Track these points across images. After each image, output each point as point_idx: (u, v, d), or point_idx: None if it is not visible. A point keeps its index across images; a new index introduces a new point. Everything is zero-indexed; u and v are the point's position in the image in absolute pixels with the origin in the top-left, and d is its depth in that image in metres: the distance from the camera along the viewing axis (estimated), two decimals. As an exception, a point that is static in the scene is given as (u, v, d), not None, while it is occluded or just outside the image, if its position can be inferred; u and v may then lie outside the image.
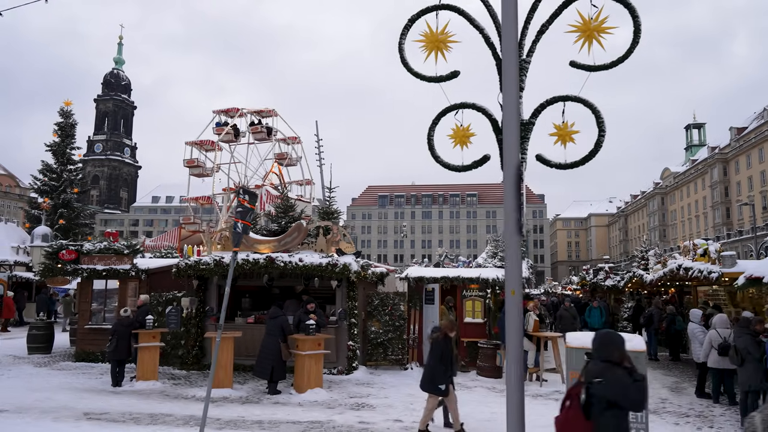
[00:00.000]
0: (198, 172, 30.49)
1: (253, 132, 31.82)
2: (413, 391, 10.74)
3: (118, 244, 14.11)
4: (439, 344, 7.54)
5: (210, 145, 30.26)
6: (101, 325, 13.96)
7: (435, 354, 7.60)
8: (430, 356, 7.74)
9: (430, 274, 13.25)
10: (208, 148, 30.50)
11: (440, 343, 7.58)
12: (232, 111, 31.90)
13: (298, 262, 12.16)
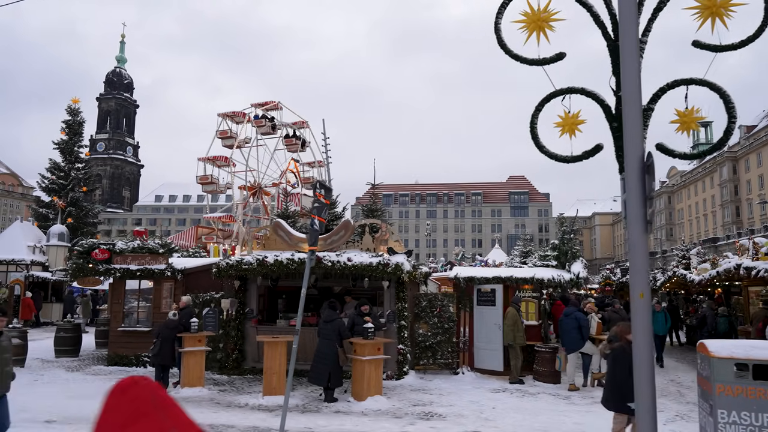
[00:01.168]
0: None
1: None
2: (475, 397, 10.20)
3: (153, 243, 13.50)
4: (626, 354, 5.86)
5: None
6: (135, 328, 13.37)
7: (624, 365, 6.10)
8: (616, 368, 6.55)
9: (481, 274, 12.65)
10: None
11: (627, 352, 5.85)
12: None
13: (346, 261, 11.56)
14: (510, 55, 6.71)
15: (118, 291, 13.65)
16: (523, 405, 9.66)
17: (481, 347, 12.53)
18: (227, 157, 29.25)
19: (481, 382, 11.71)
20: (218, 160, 29.22)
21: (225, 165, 29.37)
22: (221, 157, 29.23)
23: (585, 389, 11.05)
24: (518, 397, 10.35)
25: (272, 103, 31.22)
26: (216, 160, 29.19)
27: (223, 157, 29.23)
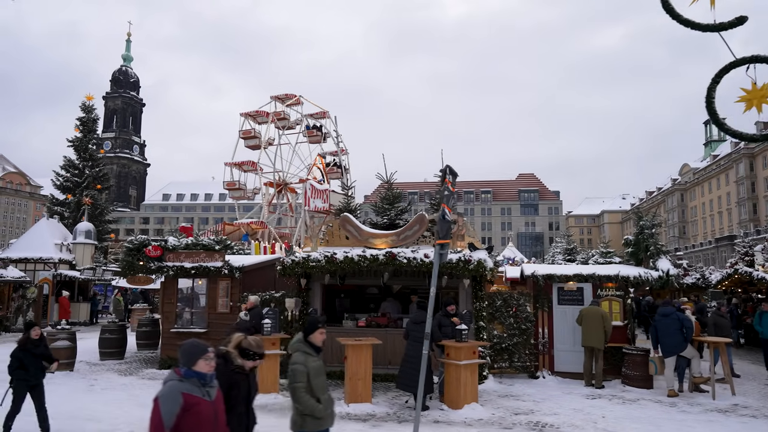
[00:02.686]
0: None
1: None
2: (574, 404, 9.44)
3: (207, 239, 12.74)
4: None
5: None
6: (189, 329, 12.61)
7: None
8: None
9: (561, 271, 11.88)
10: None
11: None
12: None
13: (423, 258, 10.78)
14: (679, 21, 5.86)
15: (169, 290, 12.89)
16: (632, 413, 8.89)
17: (563, 349, 11.76)
18: (254, 162, 28.55)
19: (568, 386, 10.92)
20: (245, 164, 28.53)
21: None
22: (248, 162, 28.54)
23: (684, 395, 10.26)
24: (620, 403, 9.57)
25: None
26: (243, 165, 28.50)
27: (251, 162, 28.53)
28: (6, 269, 19.64)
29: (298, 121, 30.76)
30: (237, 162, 28.73)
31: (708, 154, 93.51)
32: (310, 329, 4.78)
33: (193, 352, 3.51)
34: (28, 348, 7.13)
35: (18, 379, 7.03)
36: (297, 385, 4.50)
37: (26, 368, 7.02)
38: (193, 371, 3.47)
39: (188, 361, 3.49)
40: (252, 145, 29.48)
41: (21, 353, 7.09)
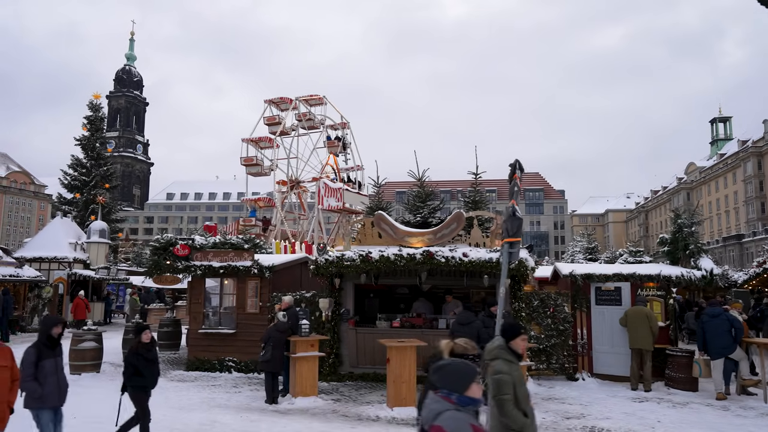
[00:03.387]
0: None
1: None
2: (624, 407, 9.15)
3: (236, 238, 12.46)
4: None
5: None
6: (217, 330, 12.33)
7: None
8: None
9: (599, 271, 11.58)
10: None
11: None
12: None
13: (462, 257, 10.49)
14: (765, 5, 5.58)
15: (197, 290, 12.61)
16: (687, 417, 8.59)
17: (602, 351, 11.45)
18: (271, 138, 28.44)
19: (610, 389, 10.62)
20: (262, 141, 28.42)
21: (269, 146, 28.56)
22: (265, 138, 28.44)
23: (732, 398, 9.96)
24: (670, 407, 9.27)
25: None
26: (260, 141, 28.38)
27: (268, 138, 28.45)
28: (21, 269, 19.38)
29: (322, 121, 30.80)
30: (254, 138, 28.63)
31: (714, 153, 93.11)
32: (511, 334, 4.26)
33: (466, 374, 2.96)
34: (140, 352, 6.74)
35: (135, 386, 6.68)
36: (504, 398, 3.99)
37: (141, 374, 6.66)
38: (467, 397, 2.92)
39: (461, 386, 2.93)
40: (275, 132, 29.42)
41: (134, 358, 6.70)
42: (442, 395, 2.93)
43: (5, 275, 18.33)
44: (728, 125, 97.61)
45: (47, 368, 5.46)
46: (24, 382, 5.30)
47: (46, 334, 5.60)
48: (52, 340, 5.60)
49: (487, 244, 11.32)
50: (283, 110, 30.33)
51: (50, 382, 5.42)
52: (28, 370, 5.37)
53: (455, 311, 11.81)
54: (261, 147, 28.86)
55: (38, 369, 5.40)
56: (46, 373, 5.42)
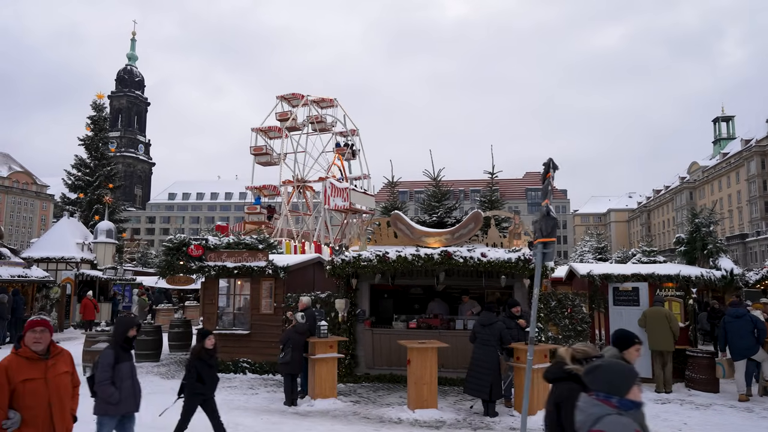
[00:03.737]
0: (265, 160, 28.88)
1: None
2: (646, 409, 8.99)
3: (250, 238, 12.37)
4: None
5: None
6: (232, 330, 12.24)
7: None
8: None
9: (618, 271, 11.48)
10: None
11: None
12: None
13: (480, 257, 10.39)
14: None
15: (210, 291, 12.51)
16: (712, 419, 8.49)
17: (621, 352, 11.32)
18: (281, 128, 28.43)
19: (630, 390, 10.51)
20: (272, 130, 28.41)
21: (278, 136, 28.56)
22: (275, 128, 28.44)
23: (754, 399, 9.86)
24: (693, 409, 9.16)
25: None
26: (270, 130, 28.38)
27: (277, 128, 28.45)
28: (30, 269, 19.29)
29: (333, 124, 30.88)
30: (264, 128, 28.61)
31: (717, 152, 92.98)
32: (625, 343, 4.02)
33: (627, 376, 2.77)
34: (203, 358, 6.48)
35: (193, 392, 6.43)
36: None
37: (203, 380, 6.39)
38: (629, 401, 2.72)
39: (621, 388, 2.74)
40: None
41: (199, 364, 6.43)
42: (600, 398, 2.74)
43: (14, 275, 18.24)
44: (731, 124, 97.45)
45: (123, 371, 5.16)
46: (101, 386, 5.04)
47: (123, 336, 5.30)
48: (129, 342, 5.34)
49: (504, 244, 11.22)
50: (294, 106, 30.33)
51: (126, 387, 5.12)
52: (105, 374, 5.06)
53: (472, 311, 11.74)
54: (270, 137, 28.89)
55: (114, 372, 5.12)
56: (122, 376, 5.12)
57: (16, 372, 3.91)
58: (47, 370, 4.05)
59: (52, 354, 4.13)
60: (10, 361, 3.97)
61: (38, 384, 3.97)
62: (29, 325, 4.09)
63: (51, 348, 4.14)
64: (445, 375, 10.66)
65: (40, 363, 4.03)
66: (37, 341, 4.03)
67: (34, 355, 4.03)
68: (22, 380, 3.90)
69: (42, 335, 4.05)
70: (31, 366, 3.99)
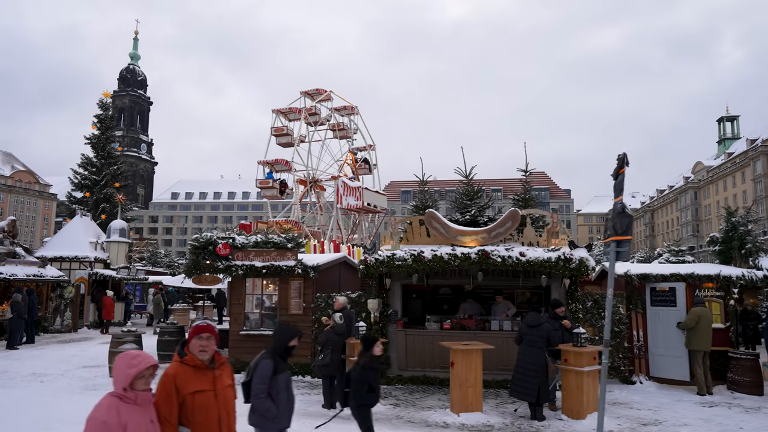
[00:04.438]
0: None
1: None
2: (698, 413, 8.81)
3: (279, 237, 12.12)
4: None
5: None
6: (260, 331, 12.00)
7: None
8: None
9: (656, 270, 11.24)
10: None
11: None
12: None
13: (518, 256, 10.14)
14: None
15: (237, 290, 12.27)
16: (766, 423, 8.24)
17: (659, 353, 11.10)
18: (288, 161, 28.12)
19: (672, 393, 10.27)
20: (278, 163, 28.12)
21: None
22: (282, 161, 28.13)
23: (801, 402, 9.63)
24: (743, 412, 8.92)
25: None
26: (276, 163, 28.09)
27: (284, 161, 28.12)
28: (45, 268, 19.04)
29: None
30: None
31: (722, 152, 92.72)
32: None
33: None
34: (373, 367, 6.04)
35: (364, 403, 6.04)
36: None
37: (374, 390, 6.07)
38: None
39: None
40: (283, 143, 29.20)
41: (368, 374, 5.98)
42: None
43: (29, 275, 17.99)
44: (735, 124, 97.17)
45: (280, 383, 4.60)
46: (257, 399, 4.48)
47: (285, 345, 4.76)
48: (289, 352, 4.80)
49: (540, 243, 10.98)
50: (291, 120, 29.99)
51: (282, 400, 4.57)
52: (262, 386, 4.50)
53: (507, 313, 11.50)
54: (290, 119, 28.72)
55: (271, 384, 4.58)
56: (279, 388, 4.57)
57: (184, 382, 3.48)
58: (215, 382, 3.62)
59: (217, 364, 3.70)
60: (177, 369, 3.54)
61: (208, 397, 3.54)
62: (195, 331, 3.65)
63: (216, 357, 3.70)
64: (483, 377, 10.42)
65: (208, 373, 3.61)
66: (203, 349, 3.60)
67: (202, 364, 3.59)
68: (192, 392, 3.48)
69: (209, 343, 3.62)
70: (198, 376, 3.56)
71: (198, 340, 3.61)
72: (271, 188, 27.76)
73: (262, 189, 28.20)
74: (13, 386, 10.62)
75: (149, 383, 3.24)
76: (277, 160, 28.34)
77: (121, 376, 3.16)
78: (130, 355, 3.22)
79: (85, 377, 11.43)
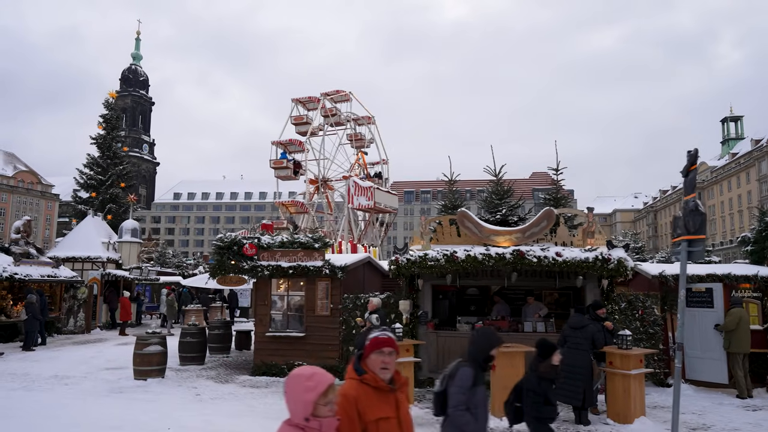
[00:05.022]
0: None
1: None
2: (746, 417, 8.59)
3: (306, 237, 11.91)
4: None
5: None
6: (286, 333, 11.78)
7: None
8: None
9: (692, 271, 11.01)
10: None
11: None
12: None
13: (555, 256, 9.93)
14: None
15: (263, 291, 12.05)
16: (820, 428, 8.04)
17: (696, 355, 10.88)
18: (301, 141, 28.04)
19: (710, 396, 10.06)
20: (292, 143, 28.03)
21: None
22: (296, 141, 28.04)
23: None
24: None
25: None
26: (290, 143, 28.00)
27: (298, 141, 28.06)
28: (58, 268, 18.83)
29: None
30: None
31: (726, 153, 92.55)
32: None
33: None
34: (551, 377, 5.39)
35: (543, 417, 5.26)
36: None
37: (551, 403, 5.33)
38: None
39: None
40: (302, 131, 29.22)
41: (545, 385, 5.31)
42: None
43: (43, 275, 17.78)
44: (739, 124, 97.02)
45: (479, 396, 4.00)
46: (456, 411, 3.89)
47: (486, 354, 4.17)
48: (490, 361, 4.20)
49: (574, 242, 10.78)
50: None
51: (480, 415, 3.97)
52: (462, 397, 3.91)
53: (539, 314, 11.29)
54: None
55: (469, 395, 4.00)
56: (477, 402, 3.96)
57: (366, 407, 2.93)
58: (398, 407, 3.08)
59: (397, 384, 3.10)
60: (357, 390, 2.95)
61: (392, 425, 3.01)
62: (375, 345, 3.05)
63: (395, 377, 3.10)
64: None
65: (390, 396, 3.04)
66: (385, 366, 3.02)
67: (384, 385, 3.02)
68: (375, 419, 2.94)
69: (391, 359, 3.04)
70: (381, 400, 3.00)
71: (379, 355, 3.04)
72: (285, 168, 27.66)
73: (276, 169, 28.05)
74: (36, 389, 10.41)
75: (334, 407, 2.69)
76: (291, 140, 28.27)
77: (299, 403, 2.60)
78: (304, 376, 2.63)
79: (109, 380, 11.21)
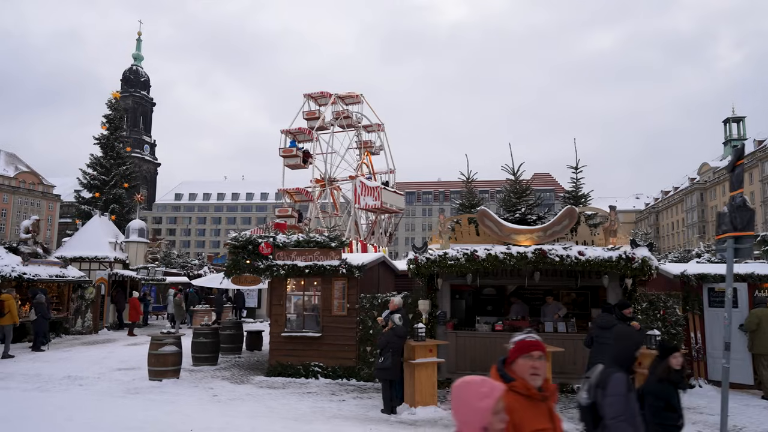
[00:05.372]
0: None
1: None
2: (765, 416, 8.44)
3: (322, 236, 11.76)
4: None
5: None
6: (301, 333, 11.63)
7: None
8: None
9: (715, 270, 10.90)
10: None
11: None
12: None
13: (577, 256, 9.77)
14: None
15: (278, 291, 11.90)
16: None
17: (719, 356, 10.73)
18: (310, 129, 28.03)
19: (738, 397, 9.87)
20: (301, 132, 28.02)
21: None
22: (305, 130, 28.04)
23: None
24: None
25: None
26: (299, 132, 28.00)
27: (307, 130, 28.06)
28: (66, 268, 18.68)
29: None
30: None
31: (728, 153, 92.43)
32: None
33: None
34: (673, 380, 4.97)
35: (666, 424, 4.78)
36: None
37: (675, 408, 4.86)
38: None
39: None
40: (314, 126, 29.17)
41: (666, 388, 4.91)
42: None
43: (52, 275, 17.63)
44: (741, 125, 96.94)
45: (633, 403, 3.60)
46: (617, 422, 3.45)
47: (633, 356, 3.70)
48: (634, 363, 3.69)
49: (596, 241, 10.63)
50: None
51: (638, 425, 3.61)
52: (621, 406, 3.49)
53: (558, 314, 11.16)
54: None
55: None
56: (633, 411, 3.56)
57: (521, 418, 2.63)
58: (552, 417, 2.79)
59: (547, 392, 2.81)
60: (508, 399, 2.57)
61: None
62: (523, 348, 2.78)
63: (544, 384, 2.81)
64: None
65: (542, 405, 2.76)
66: (535, 372, 2.74)
67: (536, 393, 2.74)
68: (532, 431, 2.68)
69: (541, 364, 2.76)
70: (534, 409, 2.71)
71: (528, 359, 2.76)
72: (294, 157, 27.60)
73: (286, 158, 27.99)
74: (51, 390, 10.27)
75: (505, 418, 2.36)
76: (300, 129, 28.25)
77: (472, 413, 2.28)
78: (476, 383, 2.31)
79: (123, 380, 11.07)
